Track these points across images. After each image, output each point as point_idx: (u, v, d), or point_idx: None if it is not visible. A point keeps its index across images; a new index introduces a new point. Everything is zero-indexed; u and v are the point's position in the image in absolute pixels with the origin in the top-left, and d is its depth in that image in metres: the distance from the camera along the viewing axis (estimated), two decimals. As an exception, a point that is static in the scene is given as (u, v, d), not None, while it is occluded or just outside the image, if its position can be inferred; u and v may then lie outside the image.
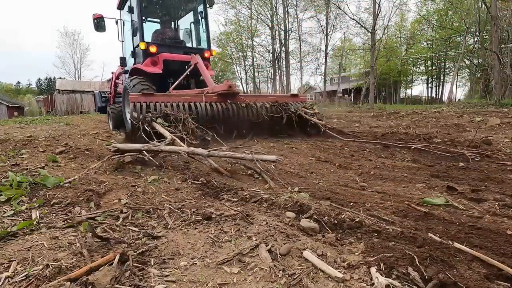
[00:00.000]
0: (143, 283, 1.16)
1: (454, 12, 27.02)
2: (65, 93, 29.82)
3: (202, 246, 1.45)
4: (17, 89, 67.18)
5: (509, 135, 5.11)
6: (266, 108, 4.51)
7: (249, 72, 37.38)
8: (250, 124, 4.39)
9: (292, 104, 4.95)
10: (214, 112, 4.19)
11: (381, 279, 1.14)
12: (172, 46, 5.83)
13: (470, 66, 29.96)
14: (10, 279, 1.15)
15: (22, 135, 5.66)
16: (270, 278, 1.18)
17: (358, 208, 1.95)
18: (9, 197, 2.01)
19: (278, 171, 3.14)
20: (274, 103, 4.73)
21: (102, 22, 5.84)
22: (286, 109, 4.72)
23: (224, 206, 1.99)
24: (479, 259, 1.28)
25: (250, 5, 30.84)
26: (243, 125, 4.36)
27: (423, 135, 5.20)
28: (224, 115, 4.24)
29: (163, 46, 5.68)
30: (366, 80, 28.44)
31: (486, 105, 12.38)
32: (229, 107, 4.29)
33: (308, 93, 49.23)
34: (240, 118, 4.34)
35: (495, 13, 14.06)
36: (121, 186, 2.46)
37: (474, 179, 2.78)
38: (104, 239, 1.46)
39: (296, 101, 5.11)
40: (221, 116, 4.21)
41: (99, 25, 5.82)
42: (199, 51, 5.92)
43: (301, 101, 5.26)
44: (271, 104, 4.67)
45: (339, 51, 36.25)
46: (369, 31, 22.48)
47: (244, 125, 4.36)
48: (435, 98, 38.52)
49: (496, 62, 14.02)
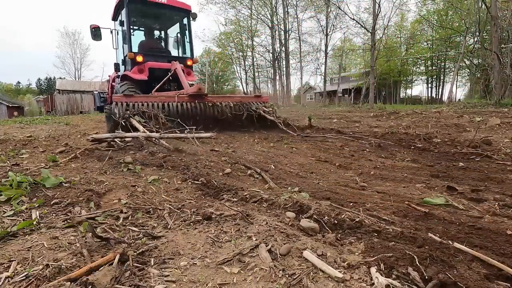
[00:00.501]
0: (143, 283, 1.16)
1: (454, 12, 27.03)
2: (65, 93, 29.82)
3: (202, 246, 1.45)
4: (17, 89, 67.19)
5: (509, 135, 5.11)
6: (230, 107, 5.28)
7: (249, 72, 37.43)
8: (216, 120, 5.17)
9: (254, 103, 5.67)
10: (184, 110, 4.94)
11: (381, 279, 1.14)
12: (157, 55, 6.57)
13: (470, 66, 29.96)
14: (10, 279, 1.15)
15: (22, 135, 5.65)
16: (270, 278, 1.18)
17: (358, 208, 1.95)
18: (9, 197, 2.01)
19: (278, 171, 3.14)
20: (238, 103, 5.47)
21: (99, 32, 6.51)
22: (248, 107, 5.50)
23: (224, 206, 1.99)
24: (479, 259, 1.29)
25: (250, 5, 30.87)
26: (209, 121, 5.12)
27: (423, 135, 5.20)
28: (193, 112, 4.99)
29: (149, 55, 6.39)
30: (366, 80, 28.44)
31: (486, 105, 12.37)
32: (197, 106, 5.03)
33: (308, 93, 49.31)
34: (207, 115, 5.11)
35: (495, 13, 14.06)
36: (121, 186, 2.46)
37: (474, 179, 2.78)
38: (104, 239, 1.46)
39: (258, 101, 5.80)
40: (190, 113, 4.96)
41: (96, 34, 6.48)
42: (182, 59, 6.63)
43: (263, 101, 5.94)
44: (234, 103, 5.41)
45: (339, 51, 36.26)
46: (369, 31, 22.47)
47: (210, 121, 5.13)
48: (435, 98, 38.53)
49: (496, 62, 14.02)
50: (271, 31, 31.41)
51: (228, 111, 5.24)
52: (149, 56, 6.30)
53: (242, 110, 5.39)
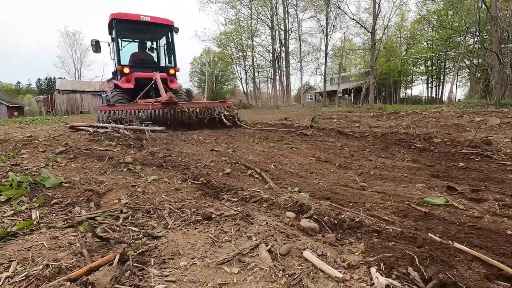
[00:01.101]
0: (143, 283, 1.16)
1: (454, 12, 27.02)
2: (65, 93, 29.76)
3: (202, 246, 1.45)
4: (17, 89, 67.14)
5: (509, 135, 5.11)
6: (196, 112, 6.27)
7: (249, 72, 37.42)
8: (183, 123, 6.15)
9: (217, 108, 6.61)
10: (157, 115, 5.89)
11: (381, 279, 1.14)
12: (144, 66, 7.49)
13: (470, 66, 29.95)
14: (10, 279, 1.15)
15: (22, 135, 5.65)
16: (270, 278, 1.18)
17: (358, 208, 1.95)
18: (9, 197, 2.01)
19: (278, 171, 3.14)
20: (203, 108, 6.43)
21: (99, 45, 7.38)
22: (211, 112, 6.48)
23: (224, 206, 1.99)
24: (479, 259, 1.28)
25: (250, 5, 30.87)
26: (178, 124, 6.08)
27: (423, 135, 5.20)
28: (164, 118, 5.92)
29: (137, 66, 7.37)
30: (366, 80, 28.44)
31: (486, 105, 12.37)
32: (168, 112, 5.94)
33: (308, 93, 49.33)
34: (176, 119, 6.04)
35: (495, 13, 14.05)
36: (121, 186, 2.46)
37: (474, 179, 2.78)
38: (104, 239, 1.46)
39: (223, 106, 6.73)
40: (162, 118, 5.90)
41: (97, 47, 7.36)
42: (166, 68, 7.54)
43: (227, 105, 6.82)
44: (200, 109, 6.37)
45: (339, 51, 36.24)
46: (369, 31, 22.46)
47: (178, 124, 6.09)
48: (435, 98, 38.52)
49: (496, 62, 14.01)
50: (271, 31, 31.42)
51: (194, 116, 6.23)
52: (137, 67, 7.30)
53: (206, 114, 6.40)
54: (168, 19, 7.33)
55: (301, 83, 41.41)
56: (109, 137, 4.70)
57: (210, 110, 6.46)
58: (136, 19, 7.03)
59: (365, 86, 27.99)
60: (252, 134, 5.82)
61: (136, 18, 7.03)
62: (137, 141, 4.57)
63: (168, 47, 7.79)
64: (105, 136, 4.72)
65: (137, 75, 6.97)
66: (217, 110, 6.55)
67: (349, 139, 5.49)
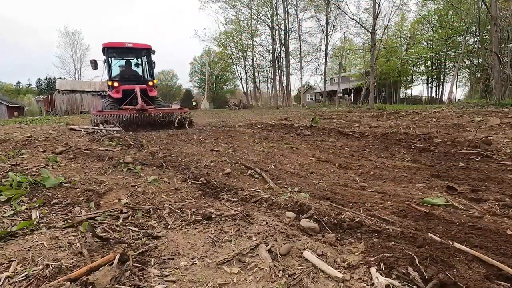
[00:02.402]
0: (143, 283, 1.16)
1: (454, 12, 27.01)
2: (65, 93, 29.76)
3: (202, 246, 1.45)
4: (17, 89, 67.09)
5: (509, 135, 5.11)
6: (159, 116, 8.25)
7: (249, 72, 37.42)
8: (150, 125, 8.18)
9: (176, 113, 8.58)
10: (132, 119, 7.83)
11: (381, 279, 1.14)
12: (129, 80, 9.70)
13: (470, 66, 29.94)
14: (10, 279, 1.15)
15: (22, 135, 5.65)
16: (270, 278, 1.18)
17: (358, 208, 1.95)
18: (9, 197, 2.01)
19: (278, 171, 3.14)
20: (165, 113, 8.39)
21: (96, 63, 9.47)
22: (170, 116, 8.44)
23: (224, 206, 1.99)
24: (479, 259, 1.28)
25: (250, 4, 30.86)
26: (146, 125, 8.11)
27: (423, 135, 5.20)
28: (136, 120, 7.91)
29: (123, 80, 9.55)
30: (366, 80, 28.43)
31: (486, 105, 12.37)
32: (139, 117, 7.93)
33: (308, 93, 49.30)
34: (145, 122, 8.08)
35: (495, 13, 14.05)
36: (121, 186, 2.46)
37: (474, 179, 2.77)
38: (104, 239, 1.46)
39: (180, 112, 8.75)
40: (135, 121, 7.88)
41: (95, 64, 9.47)
42: (146, 81, 9.76)
43: (184, 112, 8.86)
44: (163, 114, 8.32)
45: (339, 51, 36.23)
46: (369, 31, 22.45)
47: (146, 125, 8.12)
48: (435, 98, 38.50)
49: (496, 62, 14.01)
50: (271, 31, 31.40)
51: (158, 119, 8.23)
52: (124, 81, 9.45)
53: (166, 118, 8.36)
54: (146, 44, 9.77)
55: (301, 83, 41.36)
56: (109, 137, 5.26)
57: (169, 115, 8.46)
58: (122, 46, 9.42)
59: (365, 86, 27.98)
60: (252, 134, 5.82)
61: (121, 45, 9.42)
62: (137, 141, 4.59)
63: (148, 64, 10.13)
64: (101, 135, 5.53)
65: (124, 87, 9.13)
66: (175, 115, 8.52)
67: (349, 139, 5.49)
